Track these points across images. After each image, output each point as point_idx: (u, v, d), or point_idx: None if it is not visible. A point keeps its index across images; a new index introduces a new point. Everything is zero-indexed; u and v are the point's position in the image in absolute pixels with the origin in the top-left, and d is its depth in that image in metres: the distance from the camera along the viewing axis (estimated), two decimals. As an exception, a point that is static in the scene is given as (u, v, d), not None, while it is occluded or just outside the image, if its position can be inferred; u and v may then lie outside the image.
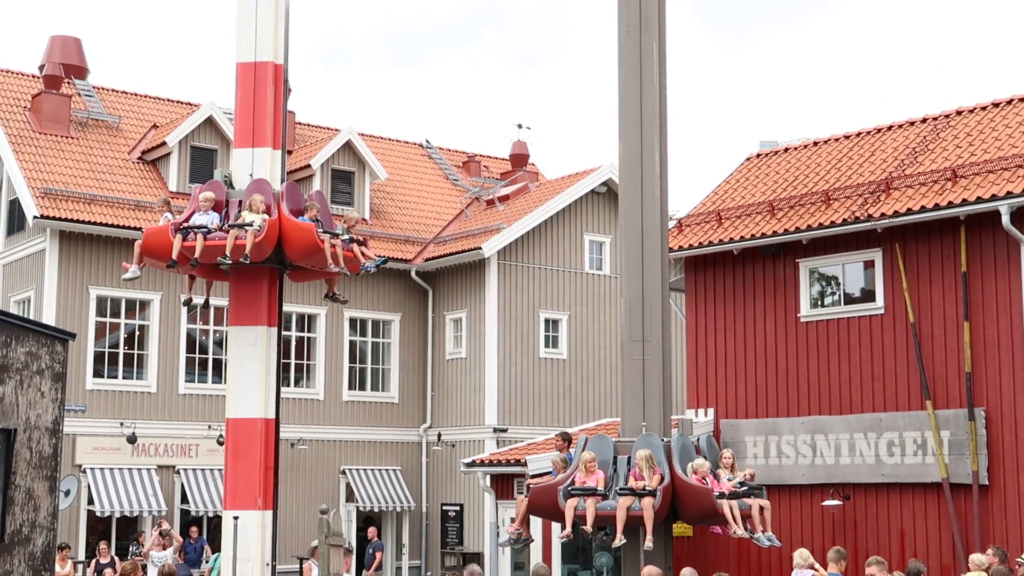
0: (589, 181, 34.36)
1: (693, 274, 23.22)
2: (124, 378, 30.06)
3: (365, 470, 33.24)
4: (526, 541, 17.40)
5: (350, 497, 32.85)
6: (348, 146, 34.48)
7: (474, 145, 49.71)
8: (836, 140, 24.48)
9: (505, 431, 32.10)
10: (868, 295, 21.03)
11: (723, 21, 78.40)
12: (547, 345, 33.44)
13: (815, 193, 22.05)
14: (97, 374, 29.55)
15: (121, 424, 29.45)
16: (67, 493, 25.95)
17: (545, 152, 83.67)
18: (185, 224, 16.17)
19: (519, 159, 40.07)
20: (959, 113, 22.74)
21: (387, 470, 33.59)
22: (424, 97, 77.22)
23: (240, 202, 16.81)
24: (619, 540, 15.26)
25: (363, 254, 17.21)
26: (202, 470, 30.31)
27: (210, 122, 32.40)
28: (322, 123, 38.29)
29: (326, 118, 38.99)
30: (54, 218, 28.90)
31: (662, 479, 15.53)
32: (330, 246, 16.45)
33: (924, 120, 23.23)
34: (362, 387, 33.76)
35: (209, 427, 30.08)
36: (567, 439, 17.65)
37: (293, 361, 32.34)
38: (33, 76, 34.18)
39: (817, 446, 21.06)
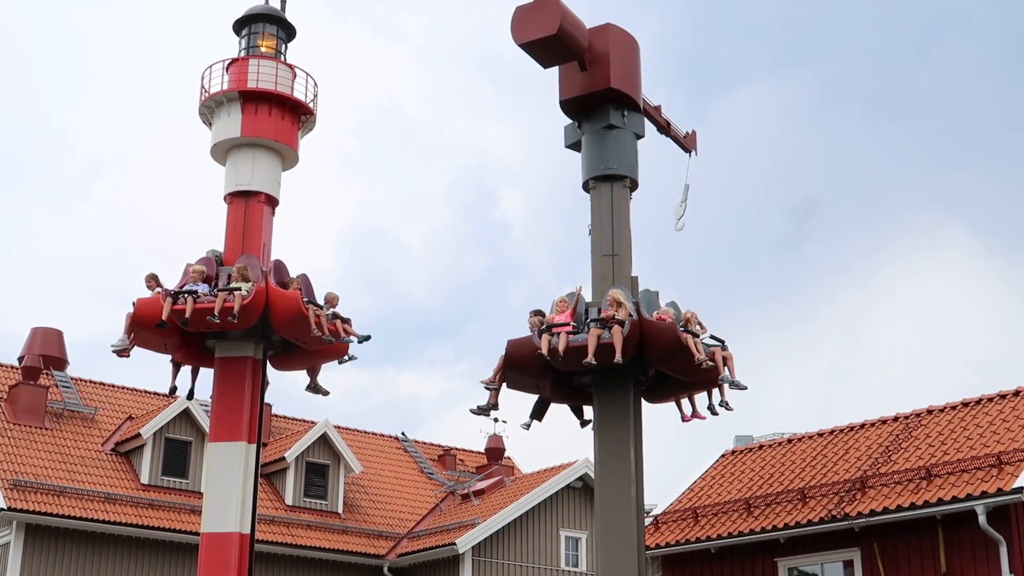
0: (565, 476, 34.19)
1: (671, 572, 22.84)
2: None
3: None
4: (492, 406, 17.24)
5: None
6: (323, 439, 34.39)
7: (450, 439, 49.67)
8: (811, 437, 24.61)
9: None
10: (849, 596, 20.67)
11: (697, 310, 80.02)
12: (522, 646, 32.46)
13: (791, 491, 22.00)
14: (54, 675, 28.37)
15: None
16: None
17: (521, 446, 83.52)
18: (176, 290, 17.11)
19: (495, 453, 39.96)
20: (930, 412, 22.99)
21: None
22: (404, 390, 77.77)
23: (229, 276, 17.60)
24: (590, 358, 15.94)
25: (346, 330, 17.91)
26: None
27: (186, 414, 32.36)
28: (298, 415, 38.33)
29: (303, 411, 38.96)
30: (22, 510, 28.43)
31: (630, 316, 16.32)
32: (314, 315, 17.14)
33: (896, 419, 23.45)
34: None
35: None
36: (540, 314, 17.40)
37: (259, 662, 31.18)
38: (12, 367, 34.34)
39: None
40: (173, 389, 19.87)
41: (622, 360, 15.95)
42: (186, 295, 17.72)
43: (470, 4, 77.53)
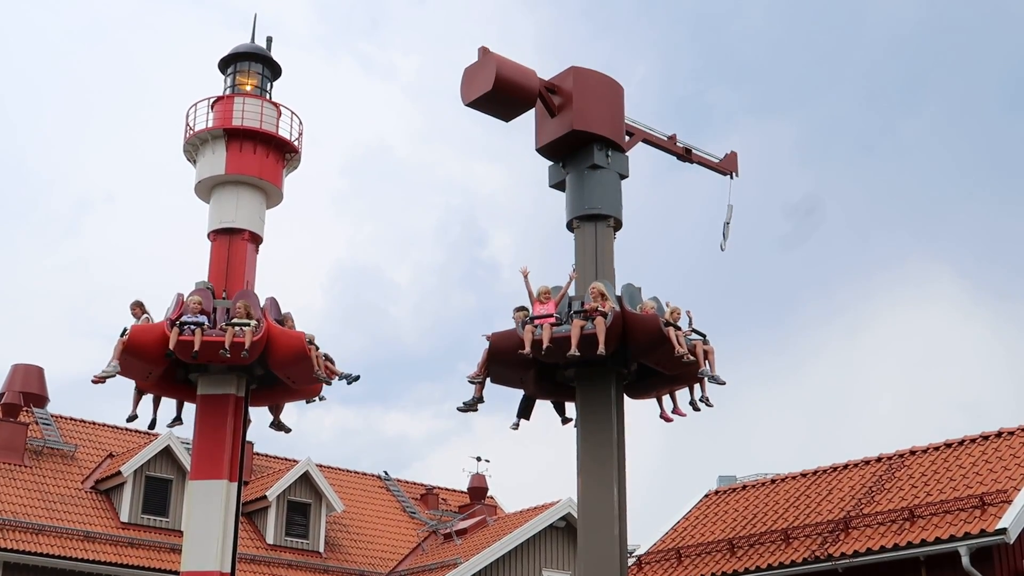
0: (548, 516, 34.04)
1: (653, 614, 22.73)
2: None
3: None
4: (477, 400, 17.14)
5: None
6: (305, 477, 34.22)
7: (433, 478, 49.49)
8: (794, 478, 24.58)
9: None
10: (832, 637, 20.58)
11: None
12: None
13: (774, 531, 21.95)
14: None
15: None
16: None
17: (504, 485, 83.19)
18: (182, 321, 17.20)
19: (478, 492, 39.78)
20: (913, 453, 22.99)
21: None
22: (391, 429, 77.50)
23: (228, 310, 17.73)
24: (573, 351, 15.91)
25: (335, 371, 18.38)
26: None
27: (167, 452, 32.18)
28: (281, 454, 38.13)
29: (289, 450, 38.78)
30: (0, 548, 28.16)
31: (612, 309, 16.35)
32: (315, 356, 17.52)
33: (879, 459, 23.44)
34: None
35: None
36: (524, 310, 17.29)
37: None
38: (-9, 405, 34.10)
39: None
40: (133, 417, 19.85)
41: (604, 351, 15.94)
42: (192, 327, 17.81)
43: (460, 44, 77.97)
